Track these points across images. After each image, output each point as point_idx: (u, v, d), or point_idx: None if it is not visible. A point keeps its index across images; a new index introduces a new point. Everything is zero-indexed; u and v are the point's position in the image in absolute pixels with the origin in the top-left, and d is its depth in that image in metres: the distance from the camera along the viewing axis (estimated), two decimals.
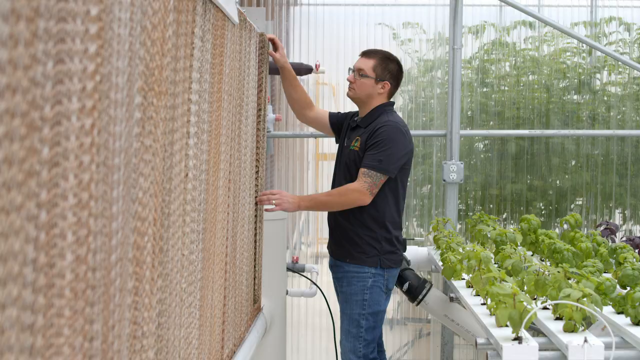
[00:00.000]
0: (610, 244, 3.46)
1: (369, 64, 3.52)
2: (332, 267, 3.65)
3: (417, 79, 5.09)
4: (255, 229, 3.41)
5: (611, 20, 5.10)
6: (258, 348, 3.69)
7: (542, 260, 3.58)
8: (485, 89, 5.09)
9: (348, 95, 3.60)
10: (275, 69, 3.78)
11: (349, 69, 3.60)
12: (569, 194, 5.02)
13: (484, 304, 2.67)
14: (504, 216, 5.10)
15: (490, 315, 2.35)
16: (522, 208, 5.03)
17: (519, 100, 5.05)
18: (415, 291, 3.81)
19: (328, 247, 3.67)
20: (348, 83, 3.59)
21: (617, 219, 5.08)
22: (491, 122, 5.06)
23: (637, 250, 3.62)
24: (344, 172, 3.52)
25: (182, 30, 1.87)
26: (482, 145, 5.16)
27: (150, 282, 1.68)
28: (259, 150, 3.44)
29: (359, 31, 4.92)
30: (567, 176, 5.05)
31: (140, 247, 1.59)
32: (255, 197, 3.36)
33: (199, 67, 2.09)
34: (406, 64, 5.07)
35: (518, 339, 2.17)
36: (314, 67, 4.00)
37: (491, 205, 5.04)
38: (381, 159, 3.36)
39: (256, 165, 3.38)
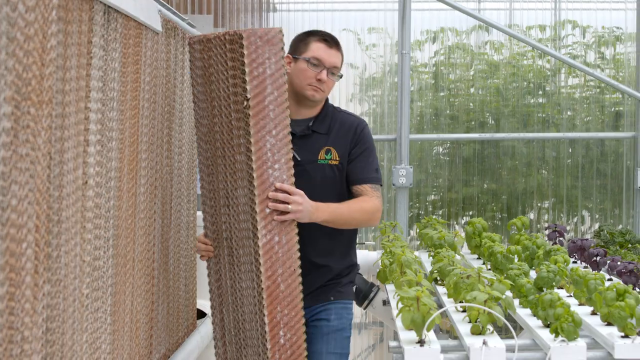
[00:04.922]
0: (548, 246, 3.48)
1: (339, 60, 2.83)
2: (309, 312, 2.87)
3: (381, 83, 5.12)
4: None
5: (566, 23, 5.13)
6: (206, 352, 3.70)
7: (484, 264, 3.60)
8: (441, 93, 5.13)
9: (314, 98, 2.78)
10: None
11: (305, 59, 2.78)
12: (521, 196, 5.04)
13: None
14: (465, 219, 5.13)
15: (395, 317, 2.38)
16: (481, 211, 5.06)
17: (474, 104, 5.08)
18: (362, 295, 3.83)
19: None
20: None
21: (582, 221, 5.11)
22: (455, 126, 5.09)
23: (579, 252, 3.65)
24: (330, 190, 2.80)
25: (72, 40, 1.90)
26: (441, 150, 5.19)
27: (32, 287, 1.71)
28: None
29: None
30: (523, 179, 5.08)
31: (15, 254, 1.62)
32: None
33: (101, 76, 2.12)
34: (371, 69, 5.12)
35: (421, 341, 2.20)
36: None
37: (452, 209, 5.07)
38: (377, 168, 2.87)
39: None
